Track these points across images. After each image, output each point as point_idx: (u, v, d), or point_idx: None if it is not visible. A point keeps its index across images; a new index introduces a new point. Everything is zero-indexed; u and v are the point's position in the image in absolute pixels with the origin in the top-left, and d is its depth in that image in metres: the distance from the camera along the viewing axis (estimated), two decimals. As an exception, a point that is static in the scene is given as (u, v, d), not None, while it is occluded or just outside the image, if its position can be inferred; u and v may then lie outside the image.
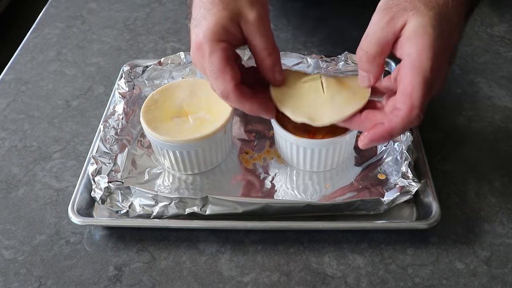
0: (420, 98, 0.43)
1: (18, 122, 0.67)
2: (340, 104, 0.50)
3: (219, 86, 0.48)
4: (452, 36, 0.45)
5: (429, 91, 0.44)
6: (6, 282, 0.50)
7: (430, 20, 0.43)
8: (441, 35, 0.43)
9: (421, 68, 0.43)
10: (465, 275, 0.50)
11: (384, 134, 0.46)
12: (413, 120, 0.44)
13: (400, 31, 0.45)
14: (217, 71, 0.48)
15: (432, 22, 0.43)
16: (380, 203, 0.53)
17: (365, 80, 0.50)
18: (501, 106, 0.67)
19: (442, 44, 0.43)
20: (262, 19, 0.49)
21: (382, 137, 0.47)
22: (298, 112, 0.51)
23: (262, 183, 0.57)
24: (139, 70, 0.68)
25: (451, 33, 0.44)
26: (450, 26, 0.44)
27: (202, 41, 0.48)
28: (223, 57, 0.48)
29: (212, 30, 0.48)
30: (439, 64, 0.43)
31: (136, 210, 0.53)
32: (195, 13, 0.50)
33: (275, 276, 0.50)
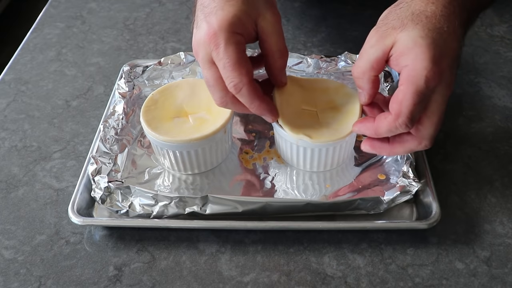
0: (409, 107, 0.44)
1: (18, 122, 0.67)
2: (334, 128, 0.54)
3: (234, 79, 0.47)
4: (447, 43, 0.45)
5: (421, 100, 0.44)
6: (6, 282, 0.50)
7: (418, 32, 0.44)
8: (432, 43, 0.44)
9: (415, 77, 0.44)
10: (465, 275, 0.50)
11: (370, 128, 0.49)
12: (398, 126, 0.45)
13: (390, 48, 0.46)
14: (234, 63, 0.47)
15: (420, 34, 0.44)
16: (380, 202, 0.53)
17: (361, 97, 0.51)
18: (501, 106, 0.67)
19: (436, 52, 0.44)
20: (278, 21, 0.50)
21: (367, 129, 0.49)
22: (297, 130, 0.53)
23: (262, 183, 0.57)
24: (139, 70, 0.68)
25: (445, 40, 0.45)
26: (442, 34, 0.45)
27: (217, 31, 0.46)
28: (239, 50, 0.47)
29: (230, 21, 0.47)
30: (438, 71, 0.43)
31: (136, 210, 0.53)
32: (207, 1, 0.49)
33: (275, 276, 0.50)
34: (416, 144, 0.47)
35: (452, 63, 0.45)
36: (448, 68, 0.44)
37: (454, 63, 0.45)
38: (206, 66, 0.48)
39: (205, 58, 0.48)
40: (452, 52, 0.45)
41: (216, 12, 0.47)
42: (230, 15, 0.47)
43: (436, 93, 0.45)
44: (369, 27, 0.50)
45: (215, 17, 0.47)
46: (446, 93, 0.45)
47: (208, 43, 0.47)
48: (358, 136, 0.61)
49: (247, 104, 0.49)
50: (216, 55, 0.47)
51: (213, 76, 0.48)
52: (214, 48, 0.47)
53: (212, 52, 0.47)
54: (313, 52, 0.70)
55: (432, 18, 0.45)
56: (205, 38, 0.47)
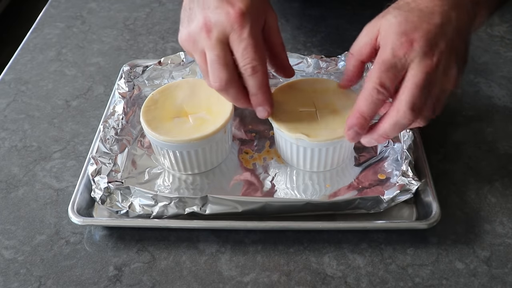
0: (376, 73, 0.46)
1: (18, 122, 0.67)
2: (333, 128, 0.54)
3: (254, 61, 0.48)
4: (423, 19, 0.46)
5: (389, 68, 0.46)
6: (6, 282, 0.50)
7: (394, 14, 0.47)
8: (403, 20, 0.46)
9: (382, 49, 0.47)
10: (465, 275, 0.50)
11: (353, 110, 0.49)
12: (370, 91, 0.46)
13: (376, 35, 0.49)
14: (257, 45, 0.48)
15: (395, 14, 0.47)
16: (380, 201, 0.53)
17: (342, 80, 0.55)
18: (501, 106, 0.67)
19: (407, 26, 0.46)
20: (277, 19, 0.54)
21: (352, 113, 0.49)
22: (294, 130, 0.54)
23: (262, 183, 0.57)
24: (139, 70, 0.68)
25: (419, 17, 0.46)
26: (416, 12, 0.47)
27: (245, 12, 0.48)
28: (260, 35, 0.49)
29: (254, 5, 0.49)
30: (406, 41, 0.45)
31: (136, 210, 0.53)
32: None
33: (275, 276, 0.50)
34: (395, 113, 0.46)
35: (428, 35, 0.46)
36: (422, 39, 0.45)
37: (433, 36, 0.46)
38: (219, 46, 0.48)
39: (220, 38, 0.48)
40: (429, 26, 0.46)
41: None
42: (253, 2, 0.49)
43: (412, 63, 0.45)
44: (369, 27, 0.50)
45: (241, 0, 0.48)
46: (425, 63, 0.45)
47: (231, 23, 0.48)
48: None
49: (255, 89, 0.50)
50: (238, 35, 0.48)
51: (226, 56, 0.49)
52: (239, 29, 0.48)
53: (233, 32, 0.48)
54: (313, 52, 0.70)
55: (412, 2, 0.48)
56: (229, 18, 0.48)
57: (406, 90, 0.46)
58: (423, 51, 0.45)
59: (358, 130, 0.49)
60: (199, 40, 0.50)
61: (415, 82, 0.45)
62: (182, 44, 0.52)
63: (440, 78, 0.46)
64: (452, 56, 0.47)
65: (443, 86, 0.47)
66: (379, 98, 0.47)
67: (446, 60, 0.46)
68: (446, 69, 0.46)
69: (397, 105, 0.46)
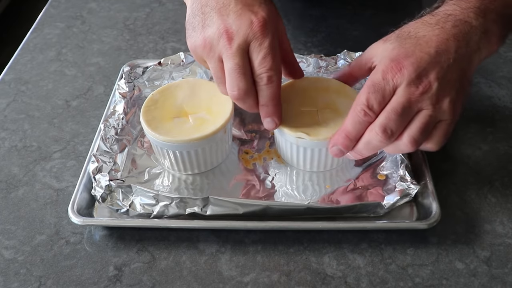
0: (364, 94, 0.47)
1: (18, 122, 0.67)
2: (334, 128, 0.54)
3: (272, 70, 0.49)
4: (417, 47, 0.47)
5: (376, 90, 0.47)
6: (6, 282, 0.50)
7: (391, 41, 0.49)
8: (397, 47, 0.48)
9: (373, 73, 0.48)
10: (465, 275, 0.50)
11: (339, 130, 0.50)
12: (357, 112, 0.48)
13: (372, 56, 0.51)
14: (276, 55, 0.50)
15: (391, 41, 0.49)
16: (380, 206, 0.53)
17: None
18: (501, 106, 0.67)
19: (399, 52, 0.47)
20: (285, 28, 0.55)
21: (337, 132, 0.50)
22: (294, 129, 0.54)
23: (262, 183, 0.57)
24: (139, 71, 0.68)
25: (414, 44, 0.47)
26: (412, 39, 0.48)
27: (267, 21, 0.49)
28: (277, 43, 0.51)
29: (273, 14, 0.51)
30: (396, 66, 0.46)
31: (136, 209, 0.53)
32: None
33: (275, 276, 0.50)
34: (368, 132, 0.48)
35: (418, 63, 0.46)
36: (411, 66, 0.46)
37: (424, 65, 0.46)
38: (240, 54, 0.49)
39: (241, 46, 0.49)
40: (422, 54, 0.47)
41: (260, 5, 0.50)
42: (272, 10, 0.51)
43: (399, 87, 0.46)
44: (369, 27, 0.50)
45: (261, 8, 0.50)
46: (409, 90, 0.46)
47: (254, 32, 0.48)
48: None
49: (267, 99, 0.51)
50: (259, 43, 0.48)
51: (245, 65, 0.49)
52: (261, 37, 0.48)
53: (255, 40, 0.48)
54: (313, 52, 0.70)
55: (412, 30, 0.49)
56: (252, 27, 0.48)
57: (383, 112, 0.47)
58: (410, 78, 0.46)
59: (342, 148, 0.50)
60: (216, 47, 0.49)
61: (393, 106, 0.46)
62: (195, 49, 0.51)
63: (428, 106, 0.46)
64: (446, 87, 0.46)
65: (436, 116, 0.47)
66: (364, 120, 0.48)
67: (437, 90, 0.46)
68: (438, 99, 0.46)
69: (372, 125, 0.47)
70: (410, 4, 0.82)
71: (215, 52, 0.50)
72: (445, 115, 0.47)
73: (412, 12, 0.55)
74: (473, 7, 0.49)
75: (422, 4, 0.85)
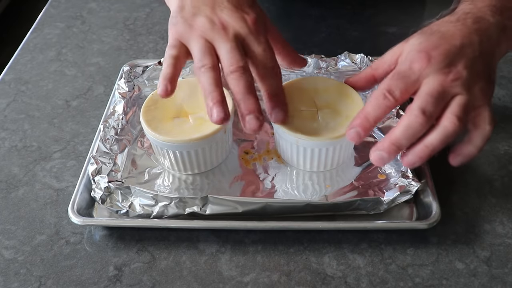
0: (387, 81, 0.48)
1: (18, 122, 0.67)
2: (334, 127, 0.54)
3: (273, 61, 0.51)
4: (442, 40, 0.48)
5: (402, 78, 0.47)
6: (6, 282, 0.50)
7: (416, 37, 0.50)
8: (424, 41, 0.49)
9: (400, 63, 0.49)
10: (465, 275, 0.50)
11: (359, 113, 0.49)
12: (378, 95, 0.47)
13: (398, 55, 0.51)
14: (272, 50, 0.51)
15: (417, 37, 0.50)
16: (380, 202, 0.53)
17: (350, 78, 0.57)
18: (501, 106, 0.67)
19: (427, 44, 0.48)
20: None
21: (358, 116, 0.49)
22: (294, 129, 0.54)
23: (262, 183, 0.57)
24: (139, 70, 0.68)
25: (439, 37, 0.49)
26: (436, 34, 0.49)
27: (259, 20, 0.51)
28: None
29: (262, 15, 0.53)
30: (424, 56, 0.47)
31: (136, 210, 0.53)
32: None
33: (275, 276, 0.50)
34: (407, 117, 0.46)
35: (447, 53, 0.47)
36: (440, 56, 0.47)
37: (452, 55, 0.47)
38: (236, 40, 0.50)
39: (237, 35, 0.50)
40: (449, 46, 0.48)
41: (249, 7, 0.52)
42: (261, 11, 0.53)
43: (427, 77, 0.47)
44: (369, 27, 0.50)
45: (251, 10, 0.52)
46: (439, 77, 0.47)
47: (248, 28, 0.50)
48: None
49: (276, 88, 0.51)
50: (255, 37, 0.50)
51: (241, 49, 0.50)
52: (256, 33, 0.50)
53: (251, 36, 0.50)
54: (313, 52, 0.70)
55: (434, 26, 0.50)
56: (246, 23, 0.50)
57: (418, 97, 0.46)
58: (439, 67, 0.47)
59: (360, 130, 0.48)
60: (209, 33, 0.50)
61: (427, 91, 0.46)
62: (181, 33, 0.51)
63: (462, 91, 0.46)
64: (475, 76, 0.47)
65: (471, 100, 0.47)
66: (385, 103, 0.47)
67: (467, 78, 0.47)
68: (469, 86, 0.47)
69: (409, 110, 0.46)
70: (410, 4, 0.82)
71: (207, 36, 0.50)
72: (480, 101, 0.47)
73: (412, 12, 0.55)
74: (489, 5, 0.50)
75: (425, 4, 0.85)
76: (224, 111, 0.48)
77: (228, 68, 0.49)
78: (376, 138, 0.61)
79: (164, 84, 0.50)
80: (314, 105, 0.56)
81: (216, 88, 0.48)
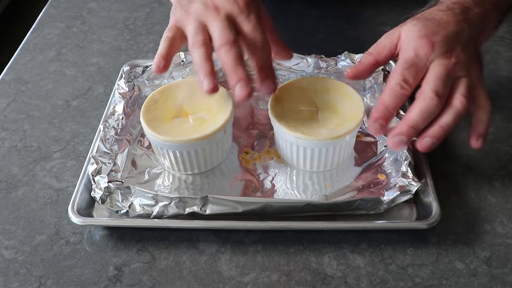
0: (398, 70, 0.51)
1: (18, 122, 0.67)
2: (334, 128, 0.54)
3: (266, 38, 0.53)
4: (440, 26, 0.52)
5: (411, 65, 0.50)
6: (6, 282, 0.50)
7: (412, 23, 0.53)
8: (423, 27, 0.52)
9: (405, 50, 0.52)
10: (465, 275, 0.50)
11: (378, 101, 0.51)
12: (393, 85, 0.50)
13: (396, 40, 0.53)
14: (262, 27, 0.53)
15: (414, 23, 0.53)
16: (380, 202, 0.53)
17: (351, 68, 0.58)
18: (501, 106, 0.67)
19: (427, 31, 0.51)
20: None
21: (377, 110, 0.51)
22: (294, 129, 0.54)
23: (262, 183, 0.57)
24: (139, 70, 0.68)
25: (437, 24, 0.52)
26: (434, 21, 0.52)
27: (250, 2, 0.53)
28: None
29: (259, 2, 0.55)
30: (427, 42, 0.51)
31: (136, 210, 0.53)
32: None
33: (275, 276, 0.50)
34: (422, 100, 0.49)
35: (446, 39, 0.51)
36: (441, 42, 0.51)
37: (450, 40, 0.51)
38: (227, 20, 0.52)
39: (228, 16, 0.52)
40: (446, 32, 0.51)
41: None
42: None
43: (433, 62, 0.50)
44: (369, 27, 0.50)
45: None
46: (444, 61, 0.50)
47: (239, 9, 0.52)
48: (358, 136, 0.61)
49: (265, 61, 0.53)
50: (246, 16, 0.52)
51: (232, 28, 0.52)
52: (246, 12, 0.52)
53: (242, 15, 0.52)
54: (313, 52, 0.70)
55: (428, 15, 0.54)
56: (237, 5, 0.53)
57: (428, 81, 0.50)
58: (441, 51, 0.50)
59: (383, 122, 0.50)
60: (203, 15, 0.52)
61: (435, 75, 0.49)
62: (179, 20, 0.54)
63: (464, 73, 0.50)
64: (471, 58, 0.52)
65: (472, 81, 0.50)
66: (402, 93, 0.50)
67: (465, 60, 0.51)
68: (468, 67, 0.51)
69: (422, 94, 0.49)
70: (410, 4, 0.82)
71: (201, 19, 0.53)
72: (477, 81, 0.51)
73: (412, 12, 0.56)
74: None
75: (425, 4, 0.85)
76: (213, 82, 0.51)
77: (219, 43, 0.51)
78: (377, 138, 0.61)
79: (157, 60, 0.53)
80: (314, 105, 0.56)
81: (207, 61, 0.51)
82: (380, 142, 0.61)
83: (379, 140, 0.61)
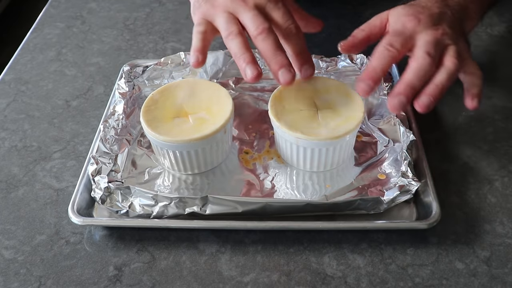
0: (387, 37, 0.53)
1: (18, 122, 0.67)
2: (333, 128, 0.54)
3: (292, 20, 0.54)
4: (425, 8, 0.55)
5: (399, 35, 0.53)
6: (6, 282, 0.50)
7: (401, 7, 0.57)
8: (410, 8, 0.55)
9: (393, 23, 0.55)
10: (465, 275, 0.50)
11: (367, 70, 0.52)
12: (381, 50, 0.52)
13: (386, 20, 0.56)
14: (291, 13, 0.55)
15: (402, 6, 0.56)
16: (380, 202, 0.53)
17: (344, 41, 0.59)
18: (501, 106, 0.67)
19: (413, 10, 0.55)
20: None
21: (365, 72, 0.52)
22: (294, 129, 0.54)
23: (262, 183, 0.57)
24: (139, 70, 0.68)
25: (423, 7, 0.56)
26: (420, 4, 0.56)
27: None
28: None
29: None
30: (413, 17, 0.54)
31: (136, 210, 0.53)
32: None
33: (275, 276, 0.50)
34: (415, 60, 0.51)
35: (432, 17, 0.54)
36: (427, 18, 0.54)
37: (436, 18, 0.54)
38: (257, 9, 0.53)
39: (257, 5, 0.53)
40: (431, 12, 0.55)
41: None
42: None
43: (420, 33, 0.53)
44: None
45: None
46: (432, 31, 0.53)
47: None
48: (358, 136, 0.61)
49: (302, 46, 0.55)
50: (274, 4, 0.54)
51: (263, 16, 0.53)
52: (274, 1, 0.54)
53: (269, 3, 0.54)
54: (313, 52, 0.70)
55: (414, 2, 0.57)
56: None
57: (418, 46, 0.52)
58: (429, 25, 0.54)
59: (371, 83, 0.51)
60: (230, 7, 0.53)
61: (424, 39, 0.52)
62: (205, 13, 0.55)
63: (452, 42, 0.53)
64: (458, 35, 0.55)
65: (460, 50, 0.53)
66: (389, 54, 0.52)
67: (452, 34, 0.54)
68: (456, 40, 0.53)
69: (414, 56, 0.52)
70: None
71: (229, 9, 0.53)
72: (466, 53, 0.54)
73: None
74: None
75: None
76: (256, 68, 0.51)
77: (255, 31, 0.52)
78: (376, 138, 0.61)
79: (195, 55, 0.53)
80: (314, 105, 0.56)
81: (246, 50, 0.52)
82: (380, 142, 0.61)
83: (379, 140, 0.61)
